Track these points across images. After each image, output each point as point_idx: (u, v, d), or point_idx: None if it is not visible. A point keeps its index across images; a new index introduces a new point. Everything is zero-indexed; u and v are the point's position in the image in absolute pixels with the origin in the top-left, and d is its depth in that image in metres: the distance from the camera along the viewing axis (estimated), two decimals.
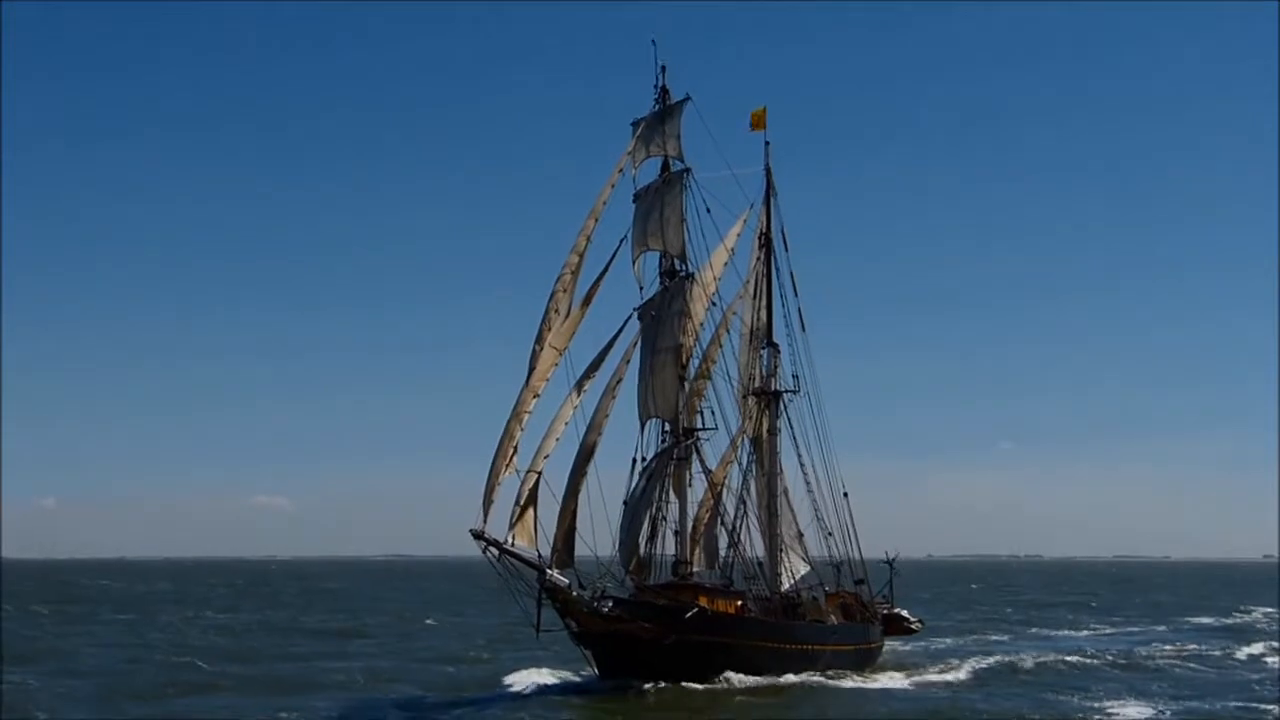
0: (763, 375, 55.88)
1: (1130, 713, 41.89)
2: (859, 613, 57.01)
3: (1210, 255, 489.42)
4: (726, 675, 47.11)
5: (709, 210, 51.85)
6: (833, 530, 57.41)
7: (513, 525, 45.85)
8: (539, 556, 45.80)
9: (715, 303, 54.06)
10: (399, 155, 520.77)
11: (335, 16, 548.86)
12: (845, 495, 58.02)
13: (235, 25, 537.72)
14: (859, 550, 58.46)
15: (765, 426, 55.41)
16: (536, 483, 46.48)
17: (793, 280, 56.35)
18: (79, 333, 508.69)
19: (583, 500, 49.49)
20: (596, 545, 48.61)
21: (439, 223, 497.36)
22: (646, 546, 50.80)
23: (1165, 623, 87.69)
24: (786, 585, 55.14)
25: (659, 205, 51.37)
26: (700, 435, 52.58)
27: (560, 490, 48.61)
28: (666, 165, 52.02)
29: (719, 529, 54.15)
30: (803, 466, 56.40)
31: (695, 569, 52.56)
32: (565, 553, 48.49)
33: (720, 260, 53.86)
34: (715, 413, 52.86)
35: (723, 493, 54.05)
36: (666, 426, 51.78)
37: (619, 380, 50.41)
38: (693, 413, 52.82)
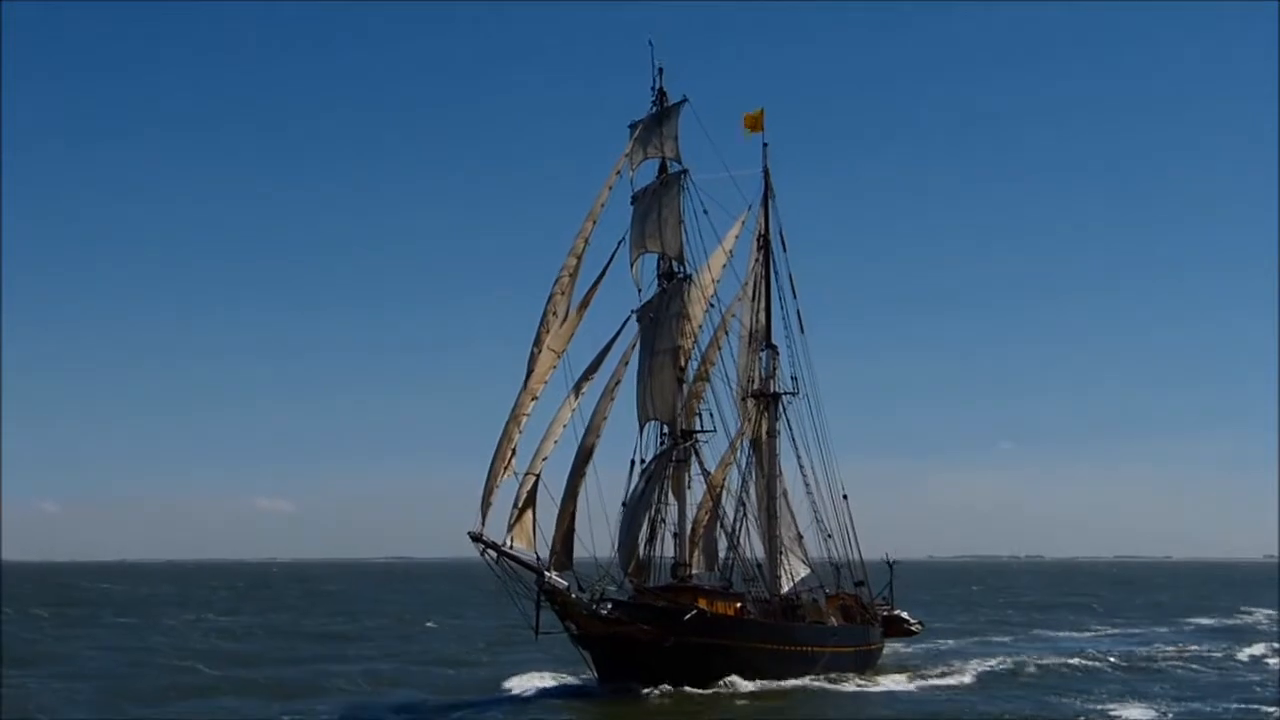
0: (761, 377, 55.80)
1: (1132, 714, 41.89)
2: (859, 614, 56.93)
3: (1210, 255, 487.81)
4: (728, 680, 46.97)
5: (706, 212, 51.88)
6: (832, 532, 57.43)
7: (511, 527, 45.89)
8: (537, 559, 45.80)
9: (714, 304, 54.03)
10: (399, 155, 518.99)
11: (335, 16, 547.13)
12: (845, 497, 58.07)
13: (235, 25, 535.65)
14: (859, 552, 58.48)
15: (764, 428, 55.31)
16: (535, 485, 46.48)
17: (791, 282, 56.36)
18: (79, 333, 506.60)
19: (581, 502, 49.54)
20: (595, 547, 48.72)
21: (439, 223, 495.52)
22: (645, 549, 50.71)
23: (1166, 624, 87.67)
24: (786, 587, 55.05)
25: (657, 207, 51.32)
26: (699, 437, 52.53)
27: (559, 492, 48.64)
28: (664, 167, 51.97)
29: (718, 531, 54.08)
30: (802, 468, 56.43)
31: (694, 571, 52.46)
32: (564, 555, 48.43)
33: (719, 262, 53.78)
34: (714, 415, 52.94)
35: (722, 495, 54.00)
36: (665, 429, 51.68)
37: (617, 382, 50.37)
38: (691, 415, 52.76)
